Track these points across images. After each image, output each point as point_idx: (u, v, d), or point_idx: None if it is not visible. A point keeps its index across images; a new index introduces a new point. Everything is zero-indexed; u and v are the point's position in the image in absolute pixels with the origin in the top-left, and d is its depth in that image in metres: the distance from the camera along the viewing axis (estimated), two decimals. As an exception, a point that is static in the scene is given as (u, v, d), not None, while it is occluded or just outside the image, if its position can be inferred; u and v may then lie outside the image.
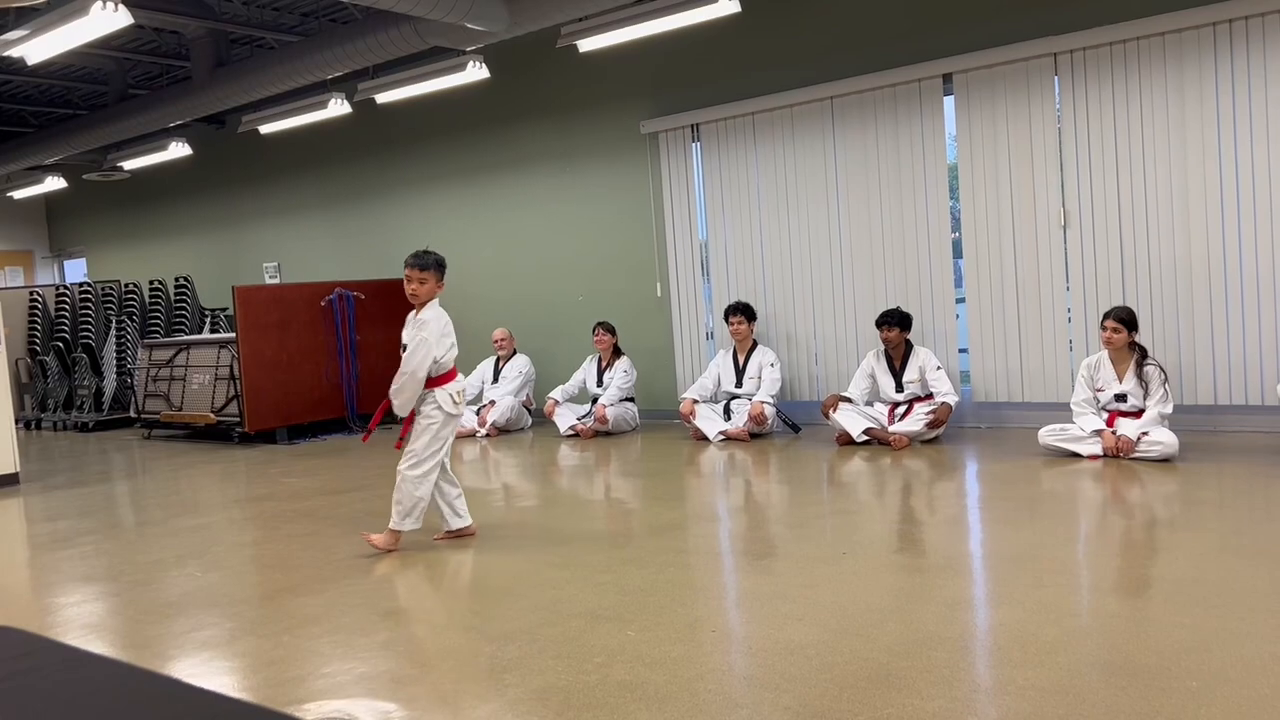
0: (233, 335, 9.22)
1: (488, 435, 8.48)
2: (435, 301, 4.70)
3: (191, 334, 11.36)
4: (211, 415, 9.31)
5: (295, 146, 11.11)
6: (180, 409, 9.71)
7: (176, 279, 11.92)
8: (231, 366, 9.13)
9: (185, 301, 11.74)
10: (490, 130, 9.61)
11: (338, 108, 9.22)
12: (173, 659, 3.51)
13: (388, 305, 9.99)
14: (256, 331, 8.96)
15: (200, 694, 2.22)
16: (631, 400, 8.30)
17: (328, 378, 9.41)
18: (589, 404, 8.33)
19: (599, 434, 8.05)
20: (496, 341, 8.96)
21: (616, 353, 8.32)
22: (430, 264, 4.65)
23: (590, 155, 8.91)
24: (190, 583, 4.47)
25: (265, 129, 10.10)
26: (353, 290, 9.59)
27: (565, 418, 8.23)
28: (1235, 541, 4.03)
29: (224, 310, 11.41)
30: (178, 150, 10.98)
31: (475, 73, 8.20)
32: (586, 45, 7.53)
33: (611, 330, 8.33)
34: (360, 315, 9.64)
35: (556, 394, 8.39)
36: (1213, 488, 5.00)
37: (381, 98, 8.94)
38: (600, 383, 8.31)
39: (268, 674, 3.27)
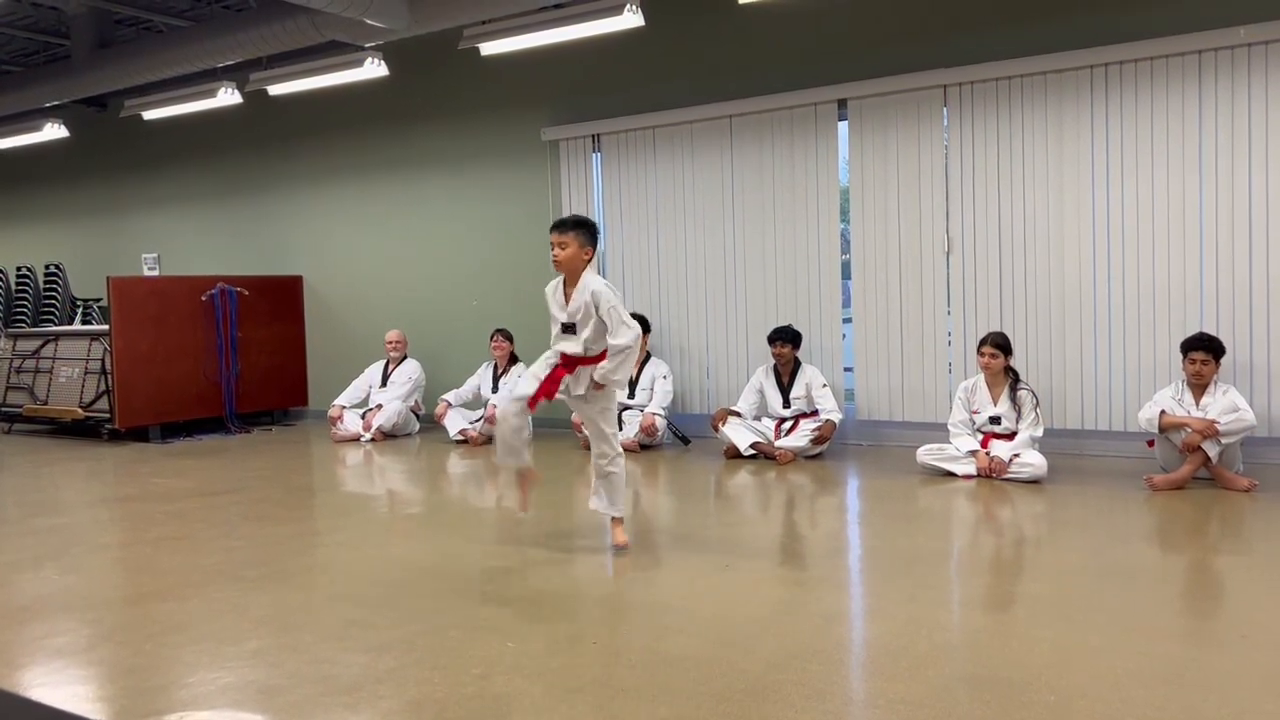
0: (106, 327, 8.82)
1: (372, 439, 8.30)
2: (590, 270, 4.34)
3: (61, 324, 10.83)
4: (80, 410, 8.89)
5: (181, 135, 10.70)
6: (45, 403, 9.24)
7: (47, 266, 11.35)
8: (103, 360, 8.74)
9: (56, 290, 11.19)
10: (388, 129, 9.43)
11: (228, 97, 8.93)
12: (22, 667, 3.32)
13: (273, 302, 9.72)
14: (132, 324, 8.60)
15: (38, 709, 2.10)
16: (525, 408, 8.22)
17: (206, 375, 9.09)
18: (481, 410, 8.23)
19: (489, 441, 7.97)
20: (391, 343, 8.78)
21: (513, 360, 8.25)
22: (571, 225, 4.31)
23: (489, 160, 8.82)
24: (46, 585, 4.25)
25: (149, 115, 9.71)
26: (236, 285, 9.29)
27: (456, 422, 8.12)
28: (1095, 561, 4.22)
29: (98, 301, 10.91)
30: (53, 132, 10.46)
31: (374, 69, 8.05)
32: (489, 49, 7.47)
33: (509, 337, 8.24)
34: (243, 312, 9.34)
35: (450, 396, 8.27)
36: (1077, 509, 5.23)
37: (275, 89, 8.69)
38: (495, 389, 8.21)
39: (126, 683, 3.13)
